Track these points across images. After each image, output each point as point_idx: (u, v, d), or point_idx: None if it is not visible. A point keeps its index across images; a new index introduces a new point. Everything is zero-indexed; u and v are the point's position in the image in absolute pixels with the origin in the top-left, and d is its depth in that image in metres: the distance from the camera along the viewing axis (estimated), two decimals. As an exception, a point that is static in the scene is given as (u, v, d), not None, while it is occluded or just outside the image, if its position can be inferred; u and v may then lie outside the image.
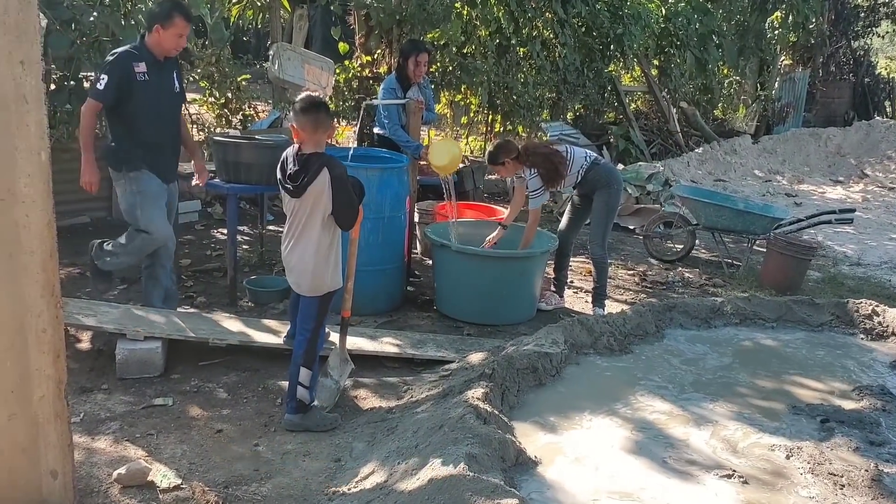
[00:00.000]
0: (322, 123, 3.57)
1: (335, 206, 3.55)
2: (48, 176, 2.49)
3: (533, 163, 5.37)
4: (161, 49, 4.44)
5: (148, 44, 4.44)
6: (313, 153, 3.54)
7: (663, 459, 3.35)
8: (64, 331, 2.79)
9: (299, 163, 3.53)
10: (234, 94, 8.83)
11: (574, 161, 5.47)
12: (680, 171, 11.23)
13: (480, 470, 2.84)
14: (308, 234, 3.60)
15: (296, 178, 3.52)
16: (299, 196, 3.54)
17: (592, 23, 11.12)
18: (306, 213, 3.56)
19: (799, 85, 16.58)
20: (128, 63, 4.35)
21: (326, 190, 3.50)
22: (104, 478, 3.21)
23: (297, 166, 3.52)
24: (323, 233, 3.60)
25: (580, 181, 5.51)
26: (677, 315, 5.08)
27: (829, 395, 4.13)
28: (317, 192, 3.51)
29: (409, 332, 5.04)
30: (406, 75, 6.11)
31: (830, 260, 7.83)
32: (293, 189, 3.54)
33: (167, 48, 4.45)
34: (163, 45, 4.43)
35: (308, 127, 3.54)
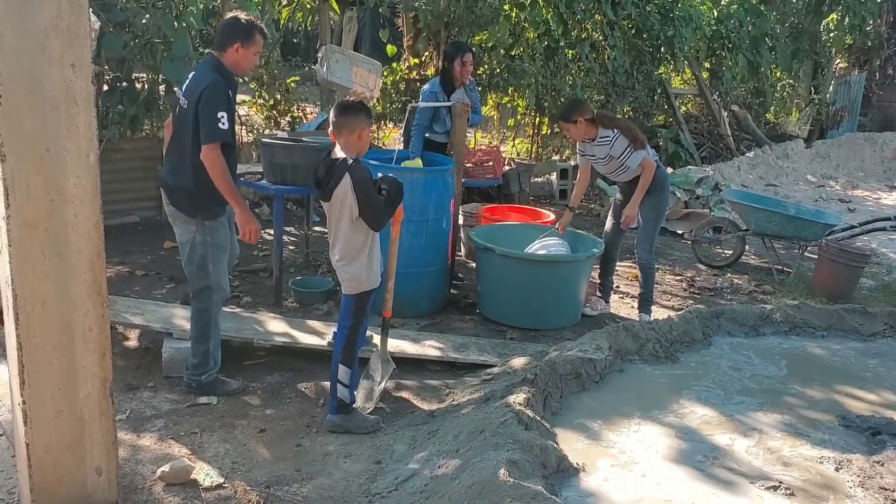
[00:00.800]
0: (344, 127, 3.59)
1: (361, 209, 3.58)
2: (96, 177, 2.54)
3: (615, 125, 5.32)
4: (239, 70, 3.97)
5: (226, 64, 3.90)
6: (338, 158, 3.59)
7: (708, 468, 3.28)
8: (111, 329, 2.85)
9: (326, 167, 3.60)
10: (283, 96, 8.94)
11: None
12: (730, 175, 11.02)
13: (521, 476, 2.81)
14: (337, 233, 3.67)
15: (322, 183, 3.59)
16: (328, 200, 3.61)
17: (643, 25, 10.98)
18: (335, 215, 3.63)
19: (854, 88, 16.16)
20: (227, 92, 3.84)
21: (350, 193, 3.54)
22: (148, 475, 3.26)
23: (324, 171, 3.60)
24: (353, 233, 3.64)
25: (632, 180, 5.42)
26: (725, 322, 4.98)
27: (881, 407, 4.00)
28: (342, 195, 3.56)
29: (451, 335, 5.03)
30: (451, 78, 6.09)
31: (885, 268, 7.60)
32: (321, 193, 3.63)
33: (245, 69, 4.01)
34: (242, 66, 3.95)
35: (334, 129, 3.62)
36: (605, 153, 5.32)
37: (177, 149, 3.93)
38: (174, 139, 3.98)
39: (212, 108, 3.72)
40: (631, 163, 5.29)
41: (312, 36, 15.03)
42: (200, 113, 3.73)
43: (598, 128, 5.29)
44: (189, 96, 3.80)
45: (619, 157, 5.29)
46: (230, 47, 3.87)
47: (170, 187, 3.94)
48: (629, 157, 5.27)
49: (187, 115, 3.80)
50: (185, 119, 3.81)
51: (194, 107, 3.75)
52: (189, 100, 3.80)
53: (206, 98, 3.72)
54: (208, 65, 3.92)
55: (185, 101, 3.82)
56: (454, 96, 6.07)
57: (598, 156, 5.38)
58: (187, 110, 3.80)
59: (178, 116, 3.90)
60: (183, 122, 3.84)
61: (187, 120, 3.80)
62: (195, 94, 3.76)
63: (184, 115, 3.83)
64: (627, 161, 5.29)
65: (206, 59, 4.02)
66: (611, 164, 5.38)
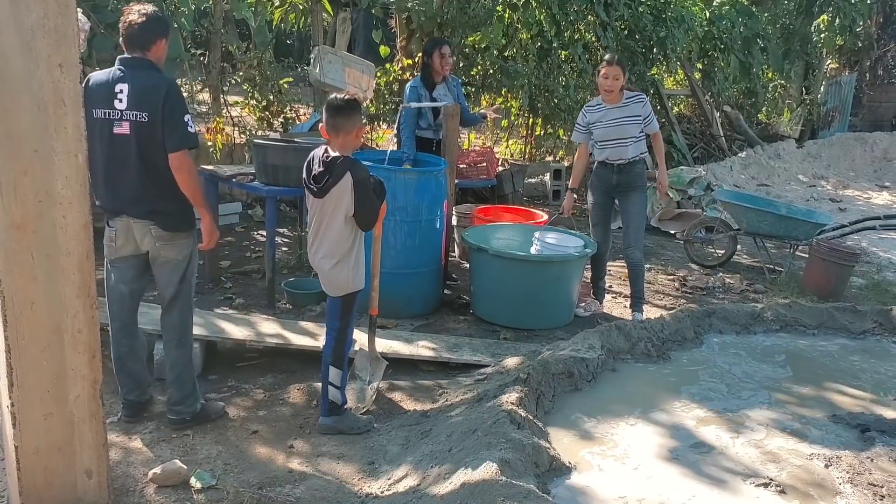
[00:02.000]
0: (341, 127, 3.57)
1: (356, 209, 3.57)
2: (85, 178, 2.53)
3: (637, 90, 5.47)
4: (161, 66, 3.67)
5: (157, 63, 3.61)
6: (337, 156, 3.56)
7: (699, 466, 3.30)
8: (101, 331, 2.83)
9: (324, 165, 3.56)
10: (276, 97, 8.92)
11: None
12: (723, 175, 11.06)
13: (513, 475, 2.82)
14: (326, 233, 3.63)
15: (320, 180, 3.55)
16: (322, 197, 3.57)
17: (635, 26, 11.00)
18: (328, 214, 3.59)
19: (845, 89, 16.24)
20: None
21: (349, 193, 3.53)
22: (140, 477, 3.25)
23: (322, 168, 3.55)
24: (343, 233, 3.61)
25: (627, 165, 5.44)
26: (716, 321, 5.00)
27: (871, 404, 4.04)
28: (339, 194, 3.53)
29: (444, 335, 5.03)
30: (432, 73, 6.08)
31: (875, 266, 7.64)
32: (316, 190, 3.57)
33: (163, 63, 3.70)
34: (162, 61, 3.67)
35: (330, 129, 3.59)
36: (634, 113, 5.39)
37: (132, 171, 3.48)
38: (117, 167, 3.49)
39: (180, 112, 3.45)
40: (652, 127, 5.46)
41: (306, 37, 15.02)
42: (166, 120, 3.41)
43: (623, 92, 5.43)
44: (144, 108, 3.40)
45: (645, 118, 5.40)
46: (157, 44, 3.55)
47: (155, 213, 3.54)
48: (653, 120, 5.46)
49: (149, 130, 3.42)
50: (146, 134, 3.42)
51: (159, 116, 3.40)
52: (148, 111, 3.40)
53: (173, 104, 3.43)
54: (145, 69, 3.50)
55: (141, 114, 3.40)
56: (437, 93, 6.06)
57: (621, 115, 5.39)
58: (147, 123, 3.41)
59: (133, 134, 3.43)
60: (140, 139, 3.43)
61: (150, 135, 3.42)
62: (154, 104, 3.40)
63: (141, 131, 3.42)
64: (651, 124, 5.44)
65: (135, 64, 3.50)
66: (629, 126, 5.40)
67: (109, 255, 3.63)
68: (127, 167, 3.48)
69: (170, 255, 3.62)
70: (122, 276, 3.67)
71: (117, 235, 3.58)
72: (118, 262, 3.65)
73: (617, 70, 5.32)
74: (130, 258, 3.64)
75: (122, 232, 3.58)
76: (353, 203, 3.55)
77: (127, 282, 3.68)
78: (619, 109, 5.38)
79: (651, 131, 5.49)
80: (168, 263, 3.63)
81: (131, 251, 3.62)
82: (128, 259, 3.64)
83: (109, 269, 3.68)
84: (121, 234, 3.58)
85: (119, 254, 3.62)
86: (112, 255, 3.63)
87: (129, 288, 3.69)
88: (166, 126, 3.42)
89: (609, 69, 5.32)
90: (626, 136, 5.38)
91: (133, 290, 3.71)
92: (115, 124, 3.43)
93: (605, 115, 5.42)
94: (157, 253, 3.60)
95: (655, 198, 8.69)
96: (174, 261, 3.64)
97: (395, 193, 4.87)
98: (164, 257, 3.62)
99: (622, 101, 5.39)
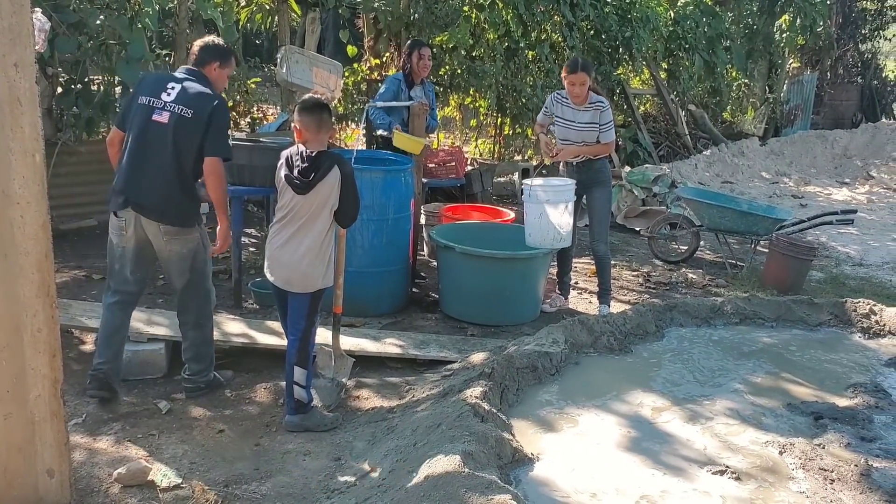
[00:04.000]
0: (325, 124, 3.66)
1: (342, 204, 3.61)
2: (43, 177, 2.53)
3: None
4: (218, 89, 4.05)
5: (212, 80, 3.99)
6: (323, 152, 3.60)
7: (658, 455, 3.37)
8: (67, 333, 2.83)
9: (309, 160, 3.57)
10: (243, 97, 8.89)
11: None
12: (688, 173, 11.21)
13: (476, 467, 2.87)
14: (307, 230, 3.63)
15: (306, 175, 3.56)
16: (306, 192, 3.58)
17: (601, 26, 11.11)
18: (310, 209, 3.61)
19: (807, 88, 16.53)
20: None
21: (336, 187, 3.57)
22: (104, 477, 3.25)
23: (307, 163, 3.57)
24: (323, 230, 3.65)
25: (587, 163, 5.51)
26: (678, 315, 5.10)
27: (824, 393, 4.15)
28: (326, 189, 3.57)
29: (412, 332, 5.07)
30: (411, 73, 6.12)
31: (833, 260, 7.82)
32: (301, 185, 3.58)
33: (220, 88, 4.10)
34: (219, 85, 4.05)
35: (312, 127, 3.61)
36: (593, 119, 5.40)
37: (156, 161, 3.75)
38: (146, 151, 3.77)
39: (226, 125, 3.89)
40: (606, 136, 5.43)
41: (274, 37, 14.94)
42: (212, 127, 3.75)
43: (589, 94, 5.43)
44: (192, 106, 3.73)
45: (603, 125, 5.39)
46: (210, 64, 3.95)
47: (161, 207, 3.77)
48: (609, 130, 5.42)
49: (189, 127, 3.72)
50: (184, 129, 3.72)
51: (205, 119, 3.73)
52: (194, 110, 3.73)
53: (222, 115, 3.83)
54: (200, 78, 3.88)
55: (187, 109, 3.72)
56: (414, 93, 6.09)
57: (582, 121, 5.42)
58: (191, 120, 3.72)
59: (171, 125, 3.72)
60: (177, 133, 3.72)
61: (188, 131, 3.72)
62: (203, 108, 3.74)
63: (180, 125, 3.71)
64: (607, 132, 5.42)
65: (193, 74, 3.90)
66: (587, 133, 5.43)
67: (118, 243, 3.86)
68: (154, 155, 3.76)
69: (175, 248, 3.85)
70: (126, 262, 3.89)
71: (127, 225, 3.80)
72: (123, 249, 3.87)
73: (583, 76, 5.31)
74: (136, 246, 3.85)
75: (131, 222, 3.80)
76: (340, 198, 3.59)
77: (131, 268, 3.89)
78: (582, 113, 5.43)
79: (604, 140, 5.44)
80: (175, 256, 3.87)
81: (137, 240, 3.84)
82: (134, 247, 3.86)
83: (115, 253, 3.91)
84: (129, 225, 3.80)
85: (126, 243, 3.84)
86: (121, 244, 3.85)
87: (133, 276, 3.91)
88: (211, 132, 3.76)
89: (575, 77, 5.31)
90: (581, 141, 5.47)
91: (137, 278, 3.94)
92: (155, 112, 3.74)
93: (570, 115, 5.47)
94: (163, 247, 3.85)
95: (621, 196, 8.81)
96: (180, 254, 3.87)
97: (362, 192, 4.82)
98: (171, 250, 3.86)
99: (585, 105, 5.42)
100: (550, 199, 5.26)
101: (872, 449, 3.46)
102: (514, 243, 5.54)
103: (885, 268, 7.61)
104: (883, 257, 8.02)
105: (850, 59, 17.75)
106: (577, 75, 5.29)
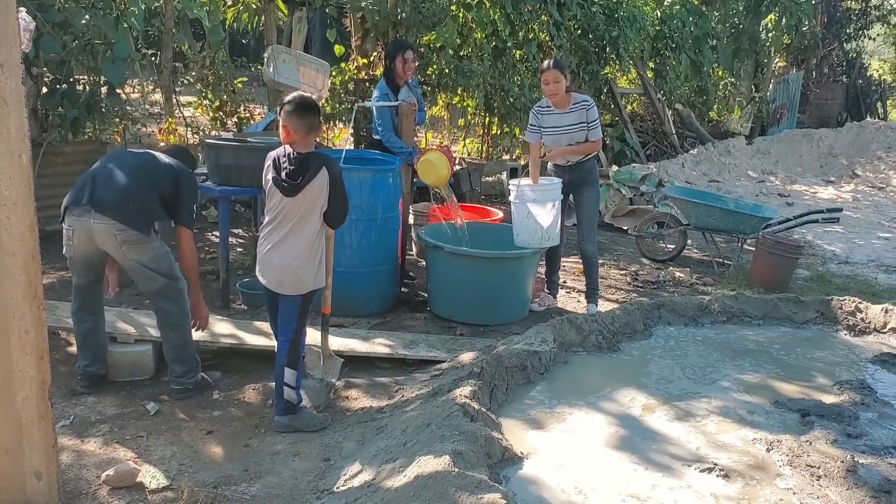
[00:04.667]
0: (316, 126, 3.66)
1: (331, 205, 3.60)
2: (29, 178, 2.50)
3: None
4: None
5: None
6: (311, 153, 3.59)
7: (647, 454, 3.39)
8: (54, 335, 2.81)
9: (296, 162, 3.56)
10: (230, 97, 8.86)
11: None
12: (675, 172, 11.26)
13: (466, 466, 2.87)
14: (298, 232, 3.62)
15: (294, 177, 3.55)
16: (295, 195, 3.56)
17: (588, 25, 11.14)
18: (299, 211, 3.59)
19: (793, 87, 16.63)
20: None
21: (325, 188, 3.55)
22: (93, 480, 3.23)
23: (294, 165, 3.55)
24: (314, 231, 3.64)
25: (577, 164, 5.52)
26: (665, 313, 5.12)
27: (811, 390, 4.18)
28: (315, 190, 3.55)
29: (401, 332, 5.06)
30: (394, 77, 6.06)
31: (819, 259, 7.88)
32: (289, 187, 3.56)
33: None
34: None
35: (302, 129, 3.59)
36: (580, 119, 5.41)
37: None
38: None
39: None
40: (594, 133, 5.44)
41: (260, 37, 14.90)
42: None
43: (571, 95, 5.45)
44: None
45: (590, 123, 5.40)
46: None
47: (121, 209, 3.79)
48: (596, 127, 5.43)
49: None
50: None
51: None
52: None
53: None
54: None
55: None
56: (401, 95, 6.07)
57: (569, 122, 5.44)
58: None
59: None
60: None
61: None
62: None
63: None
64: (595, 130, 5.43)
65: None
66: (577, 133, 5.44)
67: (66, 251, 3.90)
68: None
69: (135, 256, 3.86)
70: (74, 269, 3.97)
71: (74, 235, 3.82)
72: (71, 257, 3.92)
73: (555, 73, 5.34)
74: (87, 255, 3.90)
75: (78, 231, 3.81)
76: (329, 199, 3.57)
77: (85, 273, 3.96)
78: (567, 115, 5.44)
79: (592, 137, 5.46)
80: (137, 265, 3.88)
81: (88, 249, 3.87)
82: (81, 256, 3.90)
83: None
84: (75, 235, 3.82)
85: (73, 252, 3.88)
86: (68, 252, 3.89)
87: (86, 279, 3.97)
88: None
89: (548, 74, 5.35)
90: (572, 142, 5.47)
91: (90, 280, 3.99)
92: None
93: (555, 121, 5.49)
94: (122, 258, 3.87)
95: (609, 195, 8.84)
96: (140, 263, 3.88)
97: (350, 192, 4.81)
98: (132, 259, 3.87)
99: (570, 105, 5.44)
100: (538, 198, 5.28)
101: (858, 445, 3.49)
102: (503, 243, 5.55)
103: (871, 266, 7.68)
104: (868, 255, 8.09)
105: (835, 58, 17.89)
106: (550, 72, 5.35)
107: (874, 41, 18.47)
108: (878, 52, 23.39)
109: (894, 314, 5.19)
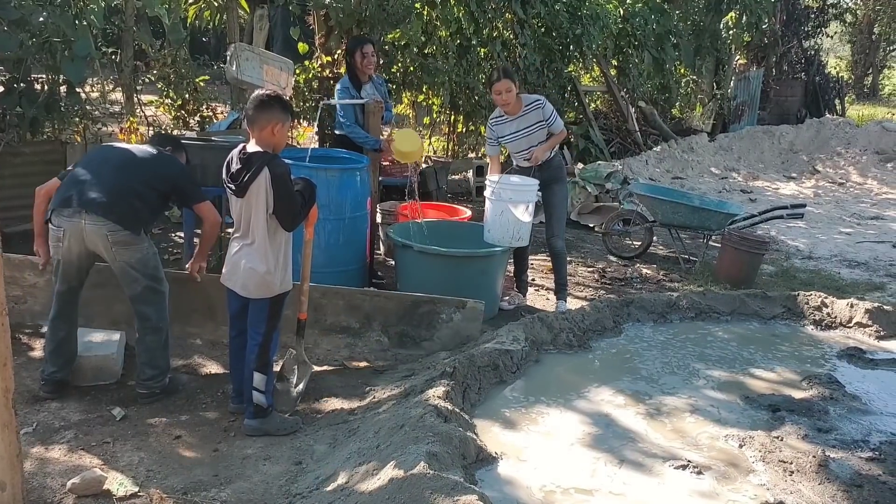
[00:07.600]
0: (256, 120, 3.51)
1: (276, 206, 3.49)
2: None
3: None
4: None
5: None
6: (256, 152, 3.49)
7: (621, 451, 3.40)
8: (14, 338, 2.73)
9: (241, 161, 3.49)
10: (192, 96, 8.73)
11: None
12: (639, 169, 11.36)
13: (441, 468, 2.85)
14: (258, 234, 3.54)
15: (237, 177, 3.48)
16: (242, 195, 3.49)
17: (552, 23, 11.18)
18: (250, 212, 3.51)
19: (753, 84, 16.84)
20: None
21: (267, 188, 3.44)
22: (58, 488, 3.15)
23: (240, 165, 3.48)
24: (270, 233, 3.54)
25: (544, 163, 5.53)
26: (634, 310, 5.16)
27: (780, 385, 4.24)
28: (257, 190, 3.45)
29: (370, 333, 5.02)
30: (356, 73, 6.02)
31: (783, 254, 8.00)
32: (235, 188, 3.50)
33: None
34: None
35: (252, 126, 3.53)
36: (538, 118, 5.43)
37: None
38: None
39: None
40: (556, 126, 5.46)
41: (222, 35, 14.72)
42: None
43: (521, 98, 5.46)
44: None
45: (548, 119, 5.42)
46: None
47: (112, 208, 3.75)
48: (556, 119, 5.46)
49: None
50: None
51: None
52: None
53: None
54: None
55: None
56: (364, 91, 6.02)
57: (528, 125, 5.45)
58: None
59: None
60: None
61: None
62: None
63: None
64: (555, 122, 5.45)
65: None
66: (537, 133, 5.46)
67: (54, 254, 3.86)
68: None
69: (124, 257, 3.82)
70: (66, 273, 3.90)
71: (65, 236, 3.77)
72: (58, 261, 3.87)
73: (507, 83, 5.37)
74: (76, 257, 3.85)
75: (68, 233, 3.77)
76: (273, 199, 3.47)
77: (68, 279, 3.90)
78: (523, 118, 5.46)
79: (555, 131, 5.51)
80: (125, 265, 3.84)
81: (78, 251, 3.83)
82: (74, 258, 3.86)
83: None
84: (66, 236, 3.77)
85: (61, 255, 3.83)
86: (56, 255, 3.85)
87: (68, 285, 3.91)
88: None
89: (499, 85, 5.37)
90: (537, 142, 5.49)
91: (72, 286, 3.93)
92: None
93: (512, 127, 5.51)
94: (112, 258, 3.81)
95: (575, 192, 8.88)
96: (129, 264, 3.84)
97: (318, 191, 4.83)
98: (121, 260, 3.82)
99: (523, 109, 5.45)
100: (513, 198, 5.30)
101: (829, 440, 3.55)
102: (472, 241, 5.54)
103: (833, 260, 7.82)
104: (831, 250, 8.24)
105: (794, 55, 18.16)
106: (501, 83, 5.37)
107: (831, 39, 18.79)
108: (834, 50, 23.87)
109: (859, 308, 5.29)
